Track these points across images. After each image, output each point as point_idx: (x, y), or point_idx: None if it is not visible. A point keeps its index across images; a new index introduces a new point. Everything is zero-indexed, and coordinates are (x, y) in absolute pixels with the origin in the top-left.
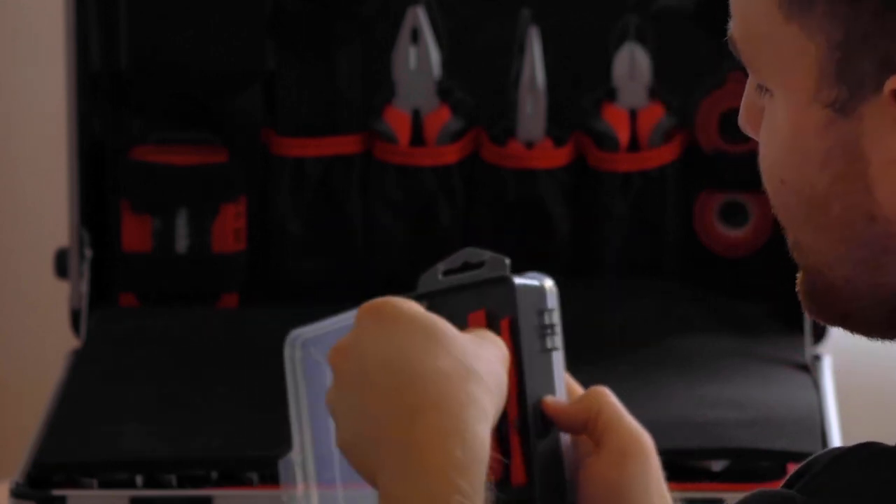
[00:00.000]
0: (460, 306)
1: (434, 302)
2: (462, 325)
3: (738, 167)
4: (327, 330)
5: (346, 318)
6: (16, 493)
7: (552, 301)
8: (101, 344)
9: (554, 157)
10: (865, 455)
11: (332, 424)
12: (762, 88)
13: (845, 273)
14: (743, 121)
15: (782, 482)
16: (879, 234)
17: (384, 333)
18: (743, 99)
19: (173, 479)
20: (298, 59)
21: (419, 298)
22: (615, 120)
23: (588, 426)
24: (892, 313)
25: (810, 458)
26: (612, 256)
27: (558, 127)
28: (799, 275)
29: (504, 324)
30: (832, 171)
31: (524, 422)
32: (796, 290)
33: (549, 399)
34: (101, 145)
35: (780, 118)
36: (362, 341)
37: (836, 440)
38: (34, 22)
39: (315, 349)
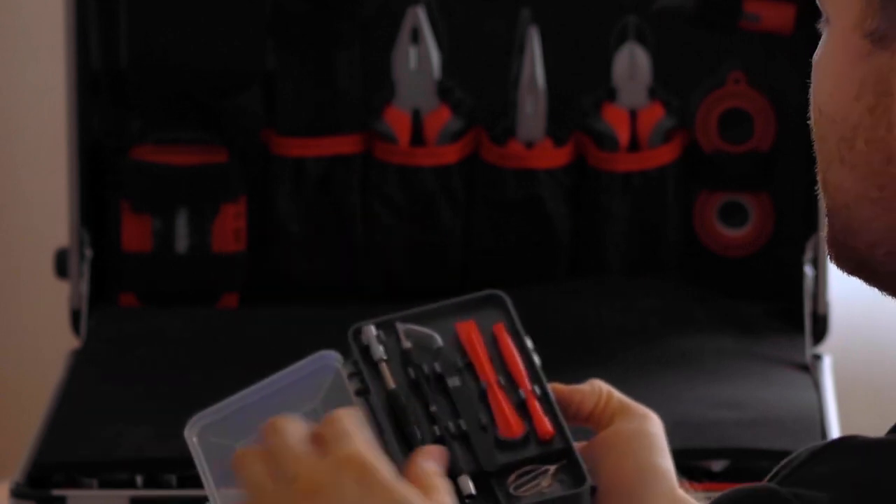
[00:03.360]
0: (445, 320)
1: (416, 318)
2: (449, 335)
3: (738, 167)
4: (226, 413)
5: (244, 397)
6: (16, 493)
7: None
8: (101, 344)
9: (554, 157)
10: (843, 447)
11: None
12: (826, 20)
13: (863, 214)
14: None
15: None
16: (895, 176)
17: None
18: None
19: (173, 479)
20: (298, 59)
21: (401, 320)
22: (615, 120)
23: (597, 409)
24: None
25: (790, 455)
26: (613, 256)
27: (558, 127)
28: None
29: (497, 327)
30: (864, 103)
31: (540, 385)
32: (823, 235)
33: (558, 385)
34: (101, 145)
35: (828, 46)
36: (295, 458)
37: None
38: (34, 22)
39: (216, 431)
